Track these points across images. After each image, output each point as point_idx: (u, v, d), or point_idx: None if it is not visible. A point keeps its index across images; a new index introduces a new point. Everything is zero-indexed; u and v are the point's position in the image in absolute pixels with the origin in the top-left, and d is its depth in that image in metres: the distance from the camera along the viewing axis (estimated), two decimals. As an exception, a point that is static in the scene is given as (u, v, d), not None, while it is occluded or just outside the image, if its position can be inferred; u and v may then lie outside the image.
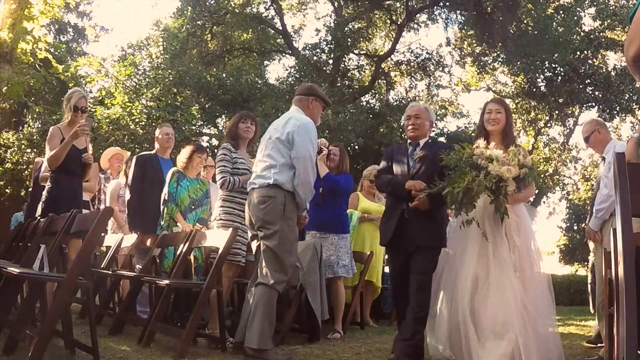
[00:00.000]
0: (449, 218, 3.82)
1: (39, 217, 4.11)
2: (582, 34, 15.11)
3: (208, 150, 10.08)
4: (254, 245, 3.67)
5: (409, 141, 3.75)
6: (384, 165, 3.79)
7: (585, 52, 15.05)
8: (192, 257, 4.26)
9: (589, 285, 5.30)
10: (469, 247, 3.34)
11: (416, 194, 3.46)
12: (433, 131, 4.22)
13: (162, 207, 4.62)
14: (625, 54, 1.52)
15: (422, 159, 3.60)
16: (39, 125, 13.19)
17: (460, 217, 3.31)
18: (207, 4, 15.64)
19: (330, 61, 15.47)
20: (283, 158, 3.45)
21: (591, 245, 4.54)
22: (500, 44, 14.65)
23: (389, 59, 16.52)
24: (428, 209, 3.44)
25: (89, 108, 5.77)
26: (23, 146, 11.75)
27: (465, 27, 15.80)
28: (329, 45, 15.10)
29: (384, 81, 17.03)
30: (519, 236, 3.29)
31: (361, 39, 16.10)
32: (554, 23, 14.44)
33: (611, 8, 15.18)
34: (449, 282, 3.41)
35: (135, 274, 4.35)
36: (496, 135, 3.52)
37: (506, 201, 3.21)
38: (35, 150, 11.16)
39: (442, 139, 13.77)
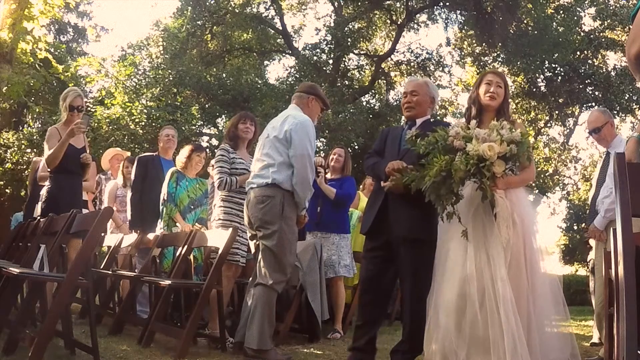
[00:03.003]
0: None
1: (39, 217, 4.11)
2: (582, 34, 15.11)
3: (208, 150, 10.10)
4: (252, 244, 3.67)
5: (405, 121, 3.38)
6: (376, 147, 3.41)
7: (585, 52, 15.05)
8: (192, 257, 4.26)
9: (591, 287, 5.21)
10: (457, 245, 2.82)
11: (391, 172, 3.03)
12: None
13: (161, 207, 4.63)
14: (627, 52, 1.53)
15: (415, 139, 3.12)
16: (39, 125, 13.20)
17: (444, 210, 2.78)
18: (207, 4, 15.64)
19: (330, 61, 15.46)
20: (281, 157, 3.44)
21: (593, 243, 4.44)
22: (500, 44, 14.64)
23: (389, 59, 16.52)
24: (404, 192, 2.94)
25: (88, 107, 5.77)
26: (23, 146, 11.76)
27: (465, 27, 15.79)
28: (329, 45, 15.09)
29: (384, 81, 17.03)
30: (514, 228, 2.77)
31: (361, 39, 16.10)
32: (554, 23, 14.43)
33: (611, 8, 15.18)
34: (440, 283, 2.87)
35: (135, 274, 4.36)
36: (491, 112, 3.01)
37: (495, 186, 2.69)
38: (35, 150, 11.17)
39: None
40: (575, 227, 17.66)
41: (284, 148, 3.45)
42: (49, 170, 4.27)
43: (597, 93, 14.95)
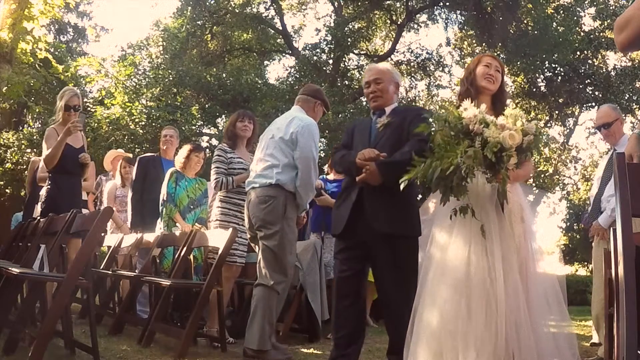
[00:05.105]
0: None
1: (38, 217, 4.11)
2: (582, 34, 15.10)
3: (208, 150, 10.11)
4: (256, 248, 3.65)
5: (372, 111, 3.14)
6: (343, 141, 3.18)
7: (585, 52, 15.03)
8: (192, 257, 4.26)
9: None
10: (462, 243, 2.49)
11: (363, 163, 2.78)
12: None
13: (160, 208, 4.63)
14: (615, 35, 1.54)
15: (387, 127, 2.94)
16: (39, 125, 13.23)
17: (448, 203, 2.44)
18: (207, 4, 15.64)
19: (330, 61, 15.47)
20: (286, 158, 3.43)
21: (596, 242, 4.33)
22: (500, 44, 14.64)
23: (389, 59, 16.52)
24: (383, 182, 2.73)
25: (88, 108, 5.76)
26: (23, 146, 11.77)
27: (465, 27, 15.80)
28: (329, 45, 15.09)
29: (384, 81, 17.00)
30: (522, 227, 2.57)
31: (361, 39, 16.09)
32: (554, 23, 14.43)
33: (611, 8, 15.17)
34: (437, 284, 2.52)
35: (135, 274, 4.36)
36: (487, 97, 2.75)
37: (508, 179, 2.43)
38: (35, 150, 11.18)
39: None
40: (575, 227, 17.65)
41: (289, 150, 3.44)
42: (47, 170, 4.26)
43: (597, 93, 14.95)
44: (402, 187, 2.49)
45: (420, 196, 3.82)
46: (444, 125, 2.40)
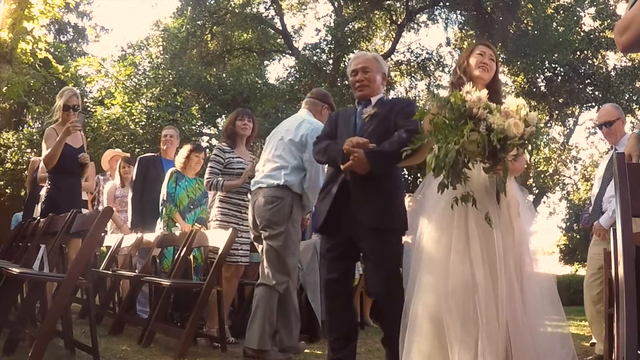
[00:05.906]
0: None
1: (38, 217, 4.10)
2: (582, 34, 15.11)
3: (208, 150, 10.11)
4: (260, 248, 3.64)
5: (357, 101, 3.03)
6: (326, 130, 3.05)
7: (585, 52, 15.04)
8: (191, 257, 4.26)
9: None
10: (460, 238, 2.35)
11: (351, 150, 2.65)
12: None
13: (160, 208, 4.63)
14: (616, 36, 1.54)
15: (373, 118, 2.83)
16: (39, 125, 13.24)
17: (445, 192, 2.28)
18: (207, 4, 15.66)
19: (330, 61, 15.48)
20: (295, 160, 3.44)
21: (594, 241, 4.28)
22: (500, 44, 14.65)
23: (389, 59, 16.53)
24: (369, 171, 2.64)
25: (88, 107, 5.75)
26: (23, 146, 11.78)
27: (465, 27, 15.82)
28: (329, 45, 15.11)
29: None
30: (519, 223, 2.46)
31: (361, 39, 16.10)
32: (554, 23, 14.44)
33: (611, 8, 15.18)
34: (430, 283, 2.41)
35: (135, 273, 4.36)
36: (481, 86, 2.55)
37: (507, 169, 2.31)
38: (35, 150, 11.19)
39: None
40: (575, 227, 17.64)
41: (298, 152, 3.45)
42: (47, 170, 4.25)
43: (597, 93, 14.96)
44: (403, 156, 2.40)
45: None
46: (445, 106, 2.26)
